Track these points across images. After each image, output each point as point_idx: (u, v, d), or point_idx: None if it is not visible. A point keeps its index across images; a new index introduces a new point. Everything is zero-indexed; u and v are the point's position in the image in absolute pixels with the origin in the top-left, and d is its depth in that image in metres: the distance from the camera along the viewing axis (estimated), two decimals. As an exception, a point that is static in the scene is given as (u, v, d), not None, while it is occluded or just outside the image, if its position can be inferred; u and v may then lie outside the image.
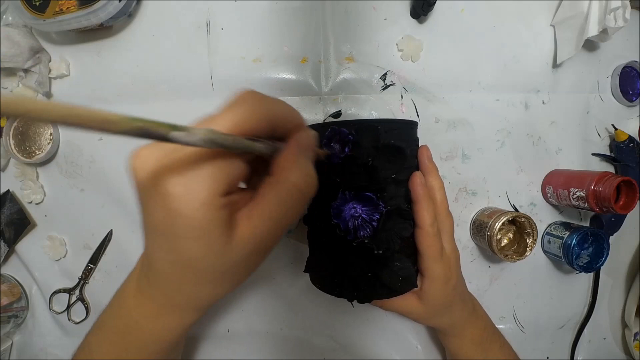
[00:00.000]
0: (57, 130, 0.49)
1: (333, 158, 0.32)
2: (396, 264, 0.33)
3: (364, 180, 0.32)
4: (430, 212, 0.34)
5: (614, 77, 0.53)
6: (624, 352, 0.57)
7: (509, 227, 0.50)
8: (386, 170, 0.32)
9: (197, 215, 0.20)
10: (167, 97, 0.48)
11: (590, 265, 0.48)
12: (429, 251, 0.34)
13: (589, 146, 0.53)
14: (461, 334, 0.41)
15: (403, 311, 0.39)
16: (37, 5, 0.43)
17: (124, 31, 0.48)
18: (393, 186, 0.33)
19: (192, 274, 0.23)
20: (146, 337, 0.29)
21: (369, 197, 0.31)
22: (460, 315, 0.40)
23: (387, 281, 0.33)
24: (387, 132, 0.32)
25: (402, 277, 0.33)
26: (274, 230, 0.22)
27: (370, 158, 0.31)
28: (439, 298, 0.37)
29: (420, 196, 0.34)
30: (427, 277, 0.36)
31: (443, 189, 0.37)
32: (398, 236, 0.33)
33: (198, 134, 0.17)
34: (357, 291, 0.33)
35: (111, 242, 0.51)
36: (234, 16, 0.47)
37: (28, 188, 0.50)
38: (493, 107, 0.49)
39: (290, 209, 0.23)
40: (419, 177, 0.34)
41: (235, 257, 0.22)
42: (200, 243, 0.21)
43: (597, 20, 0.45)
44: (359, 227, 0.32)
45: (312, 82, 0.47)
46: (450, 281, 0.37)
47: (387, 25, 0.47)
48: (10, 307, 0.51)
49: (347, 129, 0.31)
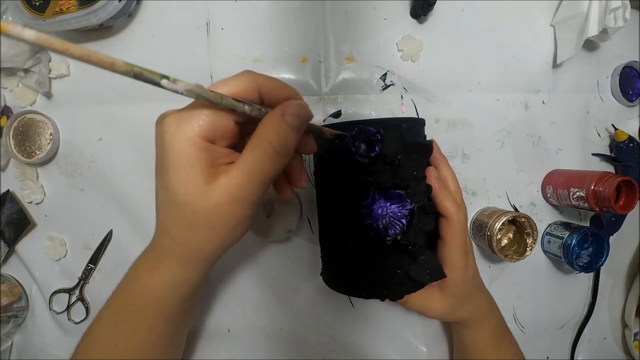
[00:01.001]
0: (57, 130, 0.49)
1: (360, 157, 0.31)
2: (422, 258, 0.34)
3: (390, 178, 0.32)
4: (451, 201, 0.35)
5: (614, 77, 0.53)
6: (624, 352, 0.57)
7: (509, 227, 0.50)
8: (410, 168, 0.33)
9: (181, 149, 0.24)
10: (167, 97, 0.47)
11: (590, 265, 0.48)
12: (456, 240, 0.35)
13: (589, 146, 0.53)
14: (481, 325, 0.41)
15: (426, 307, 0.39)
16: (37, 5, 0.43)
17: (124, 31, 0.48)
18: (415, 183, 0.33)
19: (178, 212, 0.25)
20: (143, 291, 0.30)
21: (399, 195, 0.31)
22: (479, 304, 0.40)
23: (416, 275, 0.33)
24: (408, 130, 0.33)
25: (429, 270, 0.34)
26: (250, 182, 0.25)
27: (399, 156, 0.31)
28: (461, 287, 0.37)
29: (437, 189, 0.34)
30: (450, 267, 0.36)
31: (455, 179, 0.37)
32: (422, 231, 0.33)
33: (184, 85, 0.22)
34: (387, 289, 0.33)
35: (111, 242, 0.51)
36: (234, 16, 0.47)
37: (28, 188, 0.50)
38: (493, 107, 0.49)
39: (265, 166, 0.25)
40: (433, 171, 0.35)
41: (215, 201, 0.24)
42: (182, 176, 0.24)
43: (597, 20, 0.45)
44: (389, 225, 0.32)
45: (312, 82, 0.47)
46: (469, 270, 0.37)
47: (387, 25, 0.47)
48: (10, 307, 0.51)
49: (374, 127, 0.31)
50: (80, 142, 0.50)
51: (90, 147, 0.49)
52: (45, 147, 0.49)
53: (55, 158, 0.50)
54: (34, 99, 0.50)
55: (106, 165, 0.49)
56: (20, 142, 0.49)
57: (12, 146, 0.49)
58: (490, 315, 0.42)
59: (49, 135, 0.49)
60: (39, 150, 0.49)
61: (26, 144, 0.49)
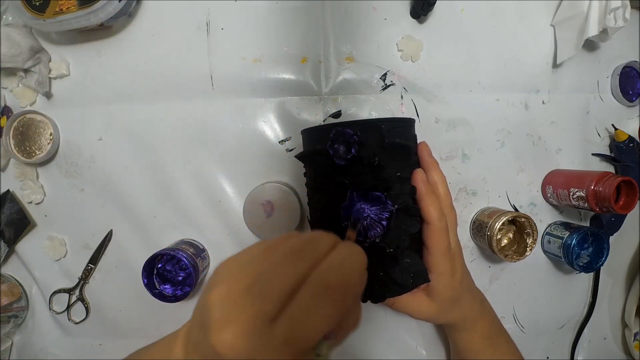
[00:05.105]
0: (57, 130, 0.49)
1: (338, 159, 0.31)
2: (406, 261, 0.33)
3: (370, 179, 0.32)
4: (436, 207, 0.34)
5: (614, 77, 0.53)
6: (624, 352, 0.57)
7: (509, 227, 0.50)
8: (391, 169, 0.32)
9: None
10: (167, 97, 0.48)
11: (590, 265, 0.48)
12: (438, 246, 0.35)
13: (589, 146, 0.53)
14: (472, 328, 0.41)
15: (413, 310, 0.39)
16: (37, 5, 0.43)
17: (124, 31, 0.48)
18: (398, 184, 0.33)
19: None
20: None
21: (377, 197, 0.31)
22: (470, 308, 0.40)
23: (399, 278, 0.33)
24: (390, 130, 0.32)
25: (413, 273, 0.34)
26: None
27: (377, 157, 0.31)
28: (447, 293, 0.37)
29: (423, 193, 0.34)
30: (434, 272, 0.36)
31: (445, 183, 0.37)
32: (406, 233, 0.33)
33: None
34: (370, 291, 0.33)
35: (111, 242, 0.51)
36: (234, 16, 0.47)
37: (28, 188, 0.50)
38: (493, 107, 0.49)
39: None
40: (421, 174, 0.34)
41: None
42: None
43: (597, 20, 0.45)
44: (369, 227, 0.32)
45: (312, 82, 0.47)
46: (456, 275, 0.37)
47: (387, 25, 0.47)
48: (10, 307, 0.51)
49: (352, 129, 0.31)
50: (80, 142, 0.50)
51: (90, 147, 0.49)
52: (45, 147, 0.49)
53: (55, 158, 0.50)
54: (34, 99, 0.50)
55: (106, 165, 0.49)
56: (20, 142, 0.49)
57: (12, 146, 0.49)
58: (481, 318, 0.42)
59: (49, 135, 0.49)
60: (39, 150, 0.49)
61: (26, 144, 0.49)
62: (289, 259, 0.22)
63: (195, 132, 0.48)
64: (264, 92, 0.47)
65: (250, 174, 0.48)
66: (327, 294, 0.21)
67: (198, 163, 0.48)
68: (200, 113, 0.48)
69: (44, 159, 0.49)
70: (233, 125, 0.48)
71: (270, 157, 0.48)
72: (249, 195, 0.46)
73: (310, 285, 0.21)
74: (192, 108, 0.48)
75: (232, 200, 0.48)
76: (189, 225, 0.49)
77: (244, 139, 0.48)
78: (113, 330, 0.52)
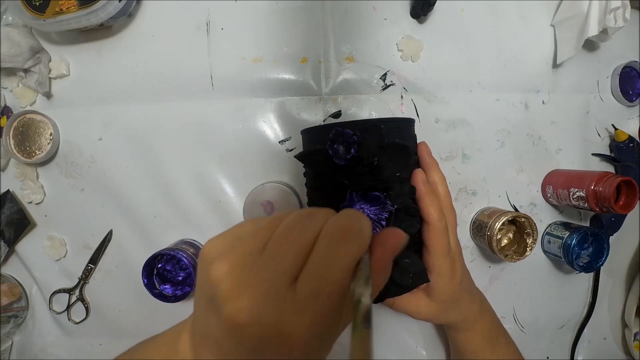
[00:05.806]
0: (57, 130, 0.49)
1: (337, 159, 0.31)
2: (406, 261, 0.33)
3: (370, 180, 0.32)
4: (436, 207, 0.34)
5: (614, 77, 0.53)
6: (624, 352, 0.57)
7: (509, 227, 0.50)
8: (391, 169, 0.32)
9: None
10: (167, 97, 0.48)
11: (590, 265, 0.48)
12: (437, 247, 0.34)
13: (589, 146, 0.53)
14: (472, 328, 0.41)
15: (413, 310, 0.39)
16: (37, 5, 0.43)
17: (124, 31, 0.48)
18: (398, 184, 0.33)
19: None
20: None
21: (377, 197, 0.31)
22: (469, 308, 0.40)
23: (399, 279, 0.33)
24: (389, 130, 0.32)
25: (412, 273, 0.33)
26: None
27: (376, 158, 0.31)
28: (447, 293, 0.37)
29: (423, 193, 0.34)
30: (434, 273, 0.36)
31: (445, 184, 0.37)
32: (406, 233, 0.33)
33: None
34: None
35: (111, 242, 0.51)
36: (234, 16, 0.47)
37: (28, 188, 0.50)
38: (493, 107, 0.49)
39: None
40: (420, 174, 0.34)
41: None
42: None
43: (597, 20, 0.45)
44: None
45: (312, 82, 0.47)
46: (456, 276, 0.37)
47: (387, 25, 0.47)
48: (10, 307, 0.51)
49: (351, 129, 0.31)
50: (80, 142, 0.50)
51: (90, 147, 0.49)
52: (45, 147, 0.49)
53: (55, 158, 0.50)
54: (34, 99, 0.50)
55: (106, 165, 0.49)
56: (20, 142, 0.49)
57: (12, 146, 0.49)
58: (481, 319, 0.42)
59: (49, 135, 0.49)
60: (39, 150, 0.49)
61: (26, 144, 0.49)
62: (299, 221, 0.22)
63: (195, 132, 0.48)
64: (264, 92, 0.47)
65: (250, 174, 0.48)
66: (344, 238, 0.21)
67: (198, 163, 0.48)
68: (200, 113, 0.48)
69: (44, 159, 0.49)
70: (233, 125, 0.48)
71: (270, 157, 0.48)
72: (249, 195, 0.46)
73: (325, 236, 0.21)
74: (192, 108, 0.48)
75: (232, 200, 0.48)
76: (189, 225, 0.49)
77: (244, 139, 0.48)
78: (113, 330, 0.52)
